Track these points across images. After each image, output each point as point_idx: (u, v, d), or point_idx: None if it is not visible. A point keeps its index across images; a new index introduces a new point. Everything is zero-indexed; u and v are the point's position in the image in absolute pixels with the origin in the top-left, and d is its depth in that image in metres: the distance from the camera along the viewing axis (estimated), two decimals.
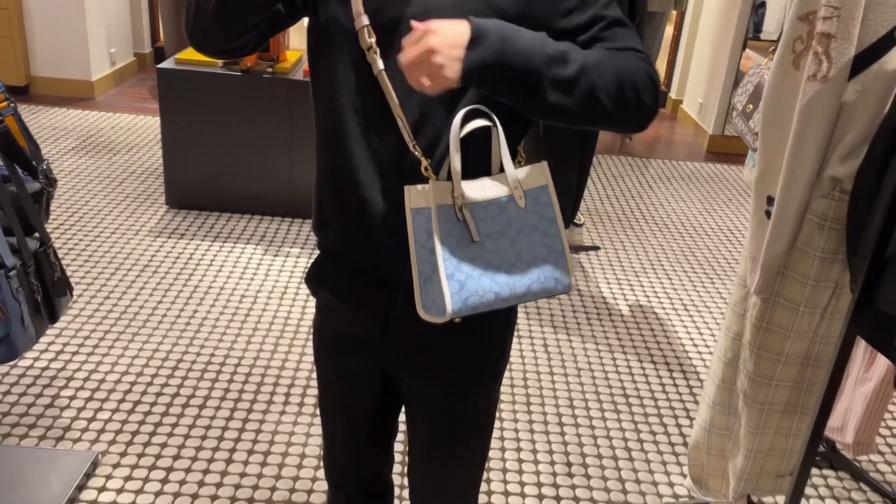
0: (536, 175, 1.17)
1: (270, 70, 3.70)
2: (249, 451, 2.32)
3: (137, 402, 2.49)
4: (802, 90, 1.61)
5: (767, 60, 2.14)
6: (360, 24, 1.13)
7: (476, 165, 1.15)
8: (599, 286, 3.54)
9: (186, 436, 2.36)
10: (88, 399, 2.48)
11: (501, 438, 2.48)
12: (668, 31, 5.93)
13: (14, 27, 5.10)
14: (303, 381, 2.66)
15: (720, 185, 4.98)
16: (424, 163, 1.13)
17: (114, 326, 2.89)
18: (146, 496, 2.12)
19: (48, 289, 1.85)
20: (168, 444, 2.32)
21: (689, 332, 3.22)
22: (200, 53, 1.21)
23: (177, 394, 2.55)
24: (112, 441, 2.31)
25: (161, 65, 3.72)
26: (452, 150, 1.10)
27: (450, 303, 1.09)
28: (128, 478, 2.18)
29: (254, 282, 3.29)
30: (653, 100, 1.13)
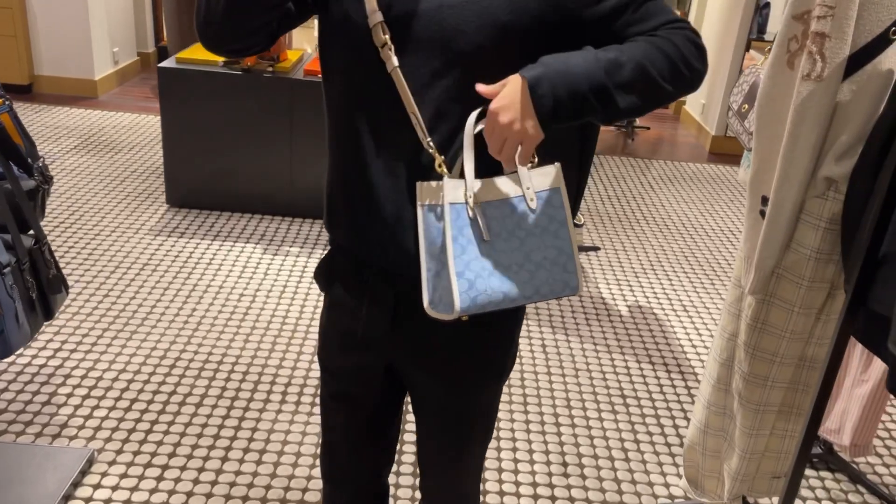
0: (549, 177, 1.18)
1: (271, 69, 3.70)
2: (245, 450, 2.33)
3: (134, 400, 2.50)
4: (797, 90, 1.61)
5: (763, 60, 2.13)
6: (375, 21, 1.12)
7: (489, 164, 1.15)
8: (599, 287, 3.53)
9: (182, 433, 2.36)
10: (86, 396, 2.49)
11: (497, 438, 2.47)
12: None
13: (18, 26, 5.12)
14: (300, 380, 2.67)
15: (722, 187, 4.97)
16: (439, 159, 1.14)
17: (112, 324, 2.89)
18: (141, 493, 2.12)
19: (43, 286, 1.85)
20: (164, 442, 2.32)
21: (688, 333, 3.21)
22: (211, 53, 1.21)
23: (174, 391, 2.55)
24: (108, 438, 2.31)
25: (162, 64, 3.73)
26: (466, 148, 1.11)
27: (458, 301, 1.09)
28: (123, 475, 2.18)
29: (253, 280, 3.29)
30: (702, 62, 1.16)
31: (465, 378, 1.33)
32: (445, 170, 1.14)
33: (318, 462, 2.26)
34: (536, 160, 1.20)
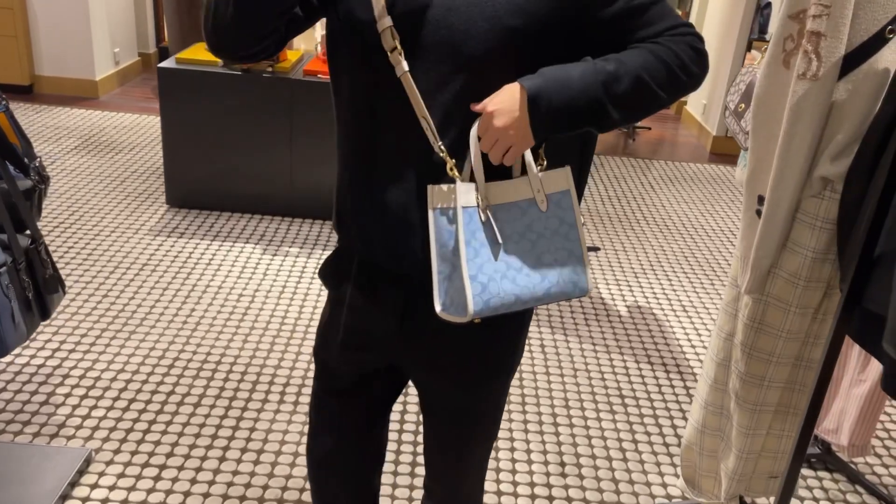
0: (559, 179, 1.19)
1: (270, 70, 3.71)
2: (243, 450, 2.33)
3: (132, 400, 2.50)
4: (792, 89, 1.60)
5: (759, 59, 2.13)
6: (384, 26, 1.12)
7: (499, 167, 1.16)
8: (599, 287, 3.53)
9: (180, 434, 2.37)
10: (84, 396, 2.49)
11: (496, 438, 2.47)
12: None
13: (18, 27, 5.13)
14: (298, 380, 2.67)
15: (722, 187, 4.97)
16: (450, 163, 1.14)
17: (111, 324, 2.90)
18: (138, 493, 2.12)
19: (39, 286, 1.85)
20: (161, 442, 2.32)
21: (688, 334, 3.21)
22: (220, 59, 1.21)
23: (172, 392, 2.55)
24: (106, 438, 2.32)
25: (161, 64, 3.74)
26: (472, 151, 1.12)
27: (472, 304, 1.10)
28: (120, 475, 2.19)
29: (252, 281, 3.29)
30: (700, 66, 1.17)
31: (473, 378, 1.33)
32: (457, 173, 1.14)
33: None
34: (546, 163, 1.21)
